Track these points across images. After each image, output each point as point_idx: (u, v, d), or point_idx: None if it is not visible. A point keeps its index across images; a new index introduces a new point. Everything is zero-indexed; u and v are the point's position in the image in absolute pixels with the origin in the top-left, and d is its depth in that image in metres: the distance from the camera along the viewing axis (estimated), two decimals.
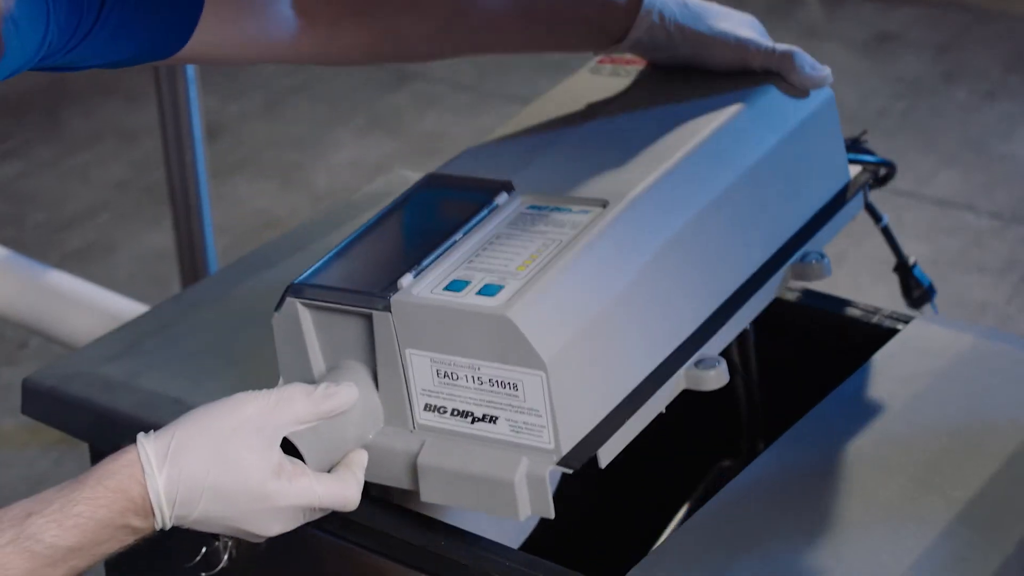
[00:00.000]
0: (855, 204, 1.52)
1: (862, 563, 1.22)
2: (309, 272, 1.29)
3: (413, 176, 1.81)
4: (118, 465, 1.16)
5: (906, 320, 1.54)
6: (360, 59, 1.40)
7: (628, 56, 1.52)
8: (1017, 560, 1.27)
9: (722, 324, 1.34)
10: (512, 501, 1.20)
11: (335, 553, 1.33)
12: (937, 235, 2.97)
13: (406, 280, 1.24)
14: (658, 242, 1.29)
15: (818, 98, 1.47)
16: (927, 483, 1.31)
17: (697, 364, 1.30)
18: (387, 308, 1.23)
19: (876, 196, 1.44)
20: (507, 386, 1.20)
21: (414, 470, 1.25)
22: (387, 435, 1.27)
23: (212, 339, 1.50)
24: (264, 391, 1.21)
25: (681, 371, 1.29)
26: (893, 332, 1.53)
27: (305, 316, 1.28)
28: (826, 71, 1.45)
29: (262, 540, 1.21)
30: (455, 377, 1.22)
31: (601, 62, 1.54)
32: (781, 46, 1.44)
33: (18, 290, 2.23)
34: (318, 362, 1.29)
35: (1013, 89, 3.48)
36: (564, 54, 1.49)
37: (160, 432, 1.18)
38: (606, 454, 1.23)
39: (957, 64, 3.59)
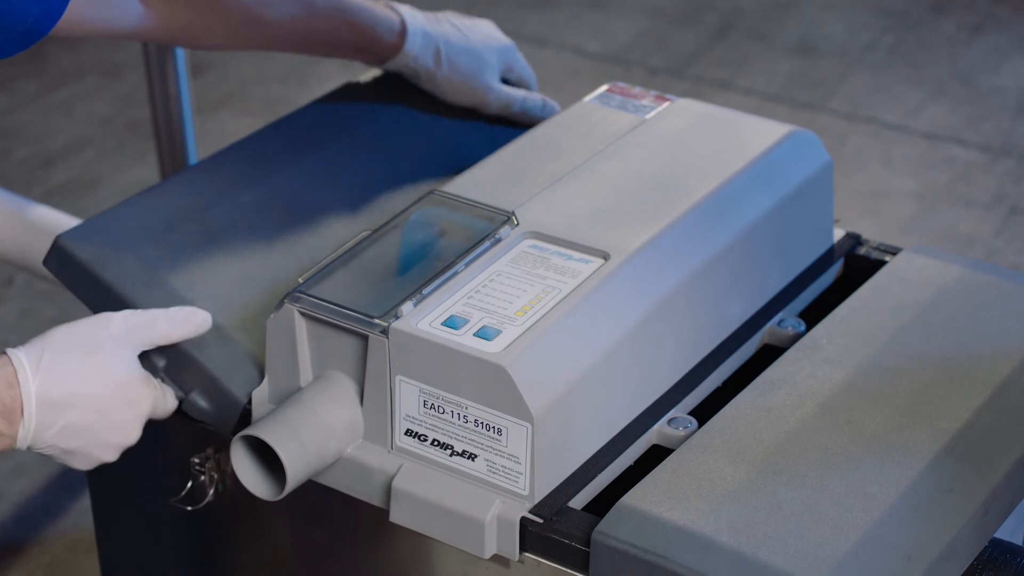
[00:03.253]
0: (836, 268, 1.54)
1: (849, 494, 1.22)
2: (309, 280, 1.31)
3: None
4: None
5: (894, 251, 1.54)
6: (163, 41, 1.58)
7: (637, 89, 1.58)
8: (1004, 491, 1.28)
9: (697, 383, 1.38)
10: (480, 539, 1.24)
11: (319, 492, 1.33)
12: (925, 169, 2.97)
13: (406, 308, 1.27)
14: (652, 301, 1.32)
15: (817, 163, 1.48)
16: (914, 414, 1.31)
17: (669, 422, 1.33)
18: (384, 334, 1.26)
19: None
20: (491, 429, 1.23)
21: (387, 490, 1.28)
22: (364, 450, 1.30)
23: (253, 226, 1.48)
24: (127, 311, 1.29)
25: (654, 428, 1.33)
26: (881, 263, 1.53)
27: (300, 324, 1.30)
28: (553, 106, 1.66)
29: (116, 447, 1.29)
30: (441, 410, 1.25)
31: (610, 91, 1.58)
32: (519, 96, 1.63)
33: (3, 226, 2.22)
34: (306, 369, 1.32)
35: (1001, 21, 3.47)
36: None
37: (29, 344, 1.23)
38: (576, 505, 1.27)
39: None
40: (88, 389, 1.24)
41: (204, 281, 1.42)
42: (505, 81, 1.66)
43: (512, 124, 1.66)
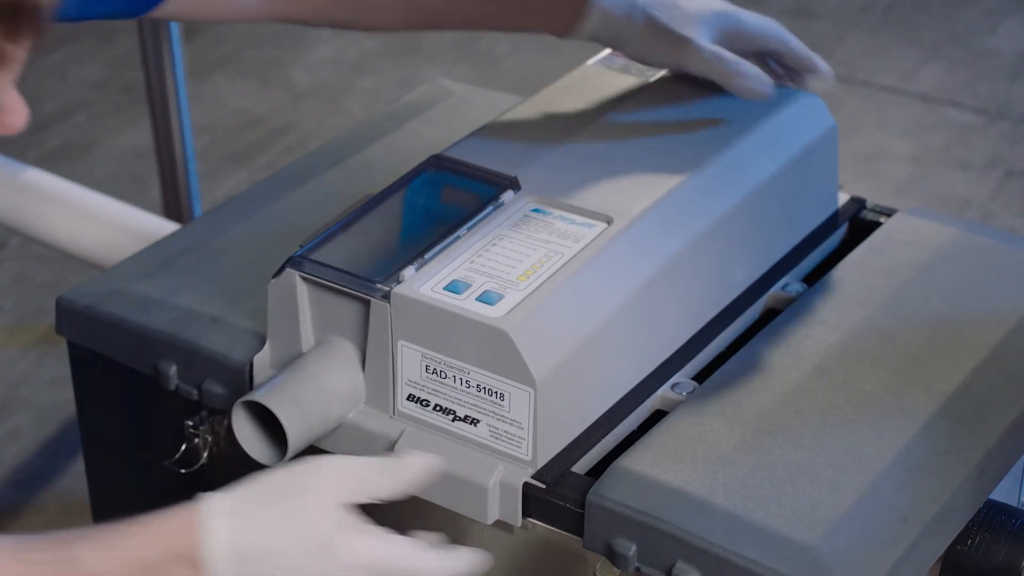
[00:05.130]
0: (841, 233, 1.53)
1: (844, 455, 1.22)
2: (311, 245, 1.30)
3: (452, 87, 1.76)
4: (176, 511, 1.08)
5: (889, 212, 1.53)
6: (322, 24, 1.44)
7: None
8: (999, 452, 1.28)
9: (701, 348, 1.37)
10: (483, 505, 1.24)
11: (316, 452, 1.33)
12: (921, 131, 2.96)
13: (408, 272, 1.26)
14: (656, 265, 1.31)
15: (821, 126, 1.47)
16: (909, 376, 1.31)
17: (673, 387, 1.33)
18: (386, 298, 1.25)
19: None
20: (494, 394, 1.23)
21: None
22: (366, 416, 1.29)
23: (249, 256, 1.46)
24: (338, 458, 1.13)
25: (658, 393, 1.32)
26: (876, 224, 1.52)
27: (302, 290, 1.29)
28: (768, 86, 1.41)
29: None
30: (443, 375, 1.24)
31: (614, 53, 1.56)
32: (727, 55, 1.41)
33: None
34: (308, 335, 1.31)
35: None
36: (524, 32, 1.51)
37: (222, 490, 1.10)
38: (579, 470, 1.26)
39: None
40: (282, 540, 1.07)
41: (195, 281, 1.43)
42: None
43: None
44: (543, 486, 1.23)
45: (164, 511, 1.08)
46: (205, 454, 1.40)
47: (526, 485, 1.23)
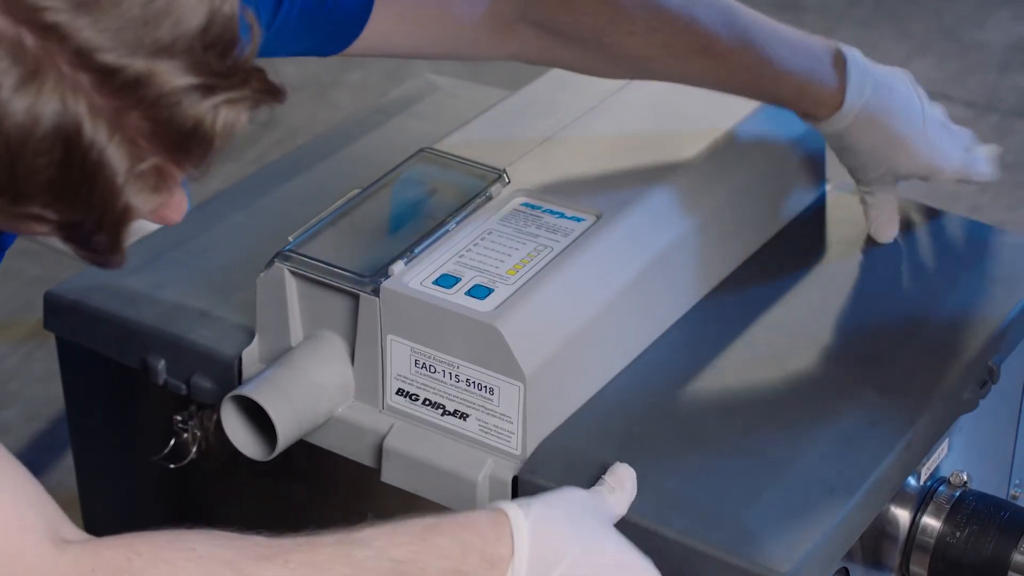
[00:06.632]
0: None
1: (776, 432, 1.24)
2: (299, 239, 1.30)
3: (440, 81, 1.76)
4: (475, 511, 1.10)
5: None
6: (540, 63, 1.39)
7: None
8: (927, 424, 1.28)
9: None
10: (472, 498, 1.24)
11: (303, 450, 1.33)
12: None
13: (397, 267, 1.26)
14: (644, 261, 1.31)
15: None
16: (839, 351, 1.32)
17: None
18: (376, 293, 1.25)
19: None
20: (483, 389, 1.23)
21: (378, 450, 1.27)
22: (355, 410, 1.29)
23: (238, 250, 1.46)
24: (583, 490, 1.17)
25: None
26: None
27: (291, 283, 1.29)
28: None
29: None
30: (432, 370, 1.24)
31: None
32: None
33: None
34: (296, 329, 1.31)
35: None
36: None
37: (514, 500, 1.12)
38: None
39: None
40: (585, 540, 1.10)
41: (183, 275, 1.43)
42: None
43: None
44: (532, 480, 1.23)
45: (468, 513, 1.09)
46: (194, 449, 1.40)
47: (515, 479, 1.23)
